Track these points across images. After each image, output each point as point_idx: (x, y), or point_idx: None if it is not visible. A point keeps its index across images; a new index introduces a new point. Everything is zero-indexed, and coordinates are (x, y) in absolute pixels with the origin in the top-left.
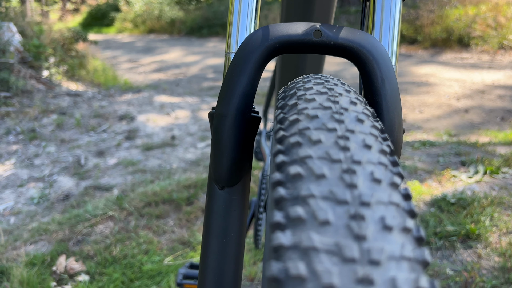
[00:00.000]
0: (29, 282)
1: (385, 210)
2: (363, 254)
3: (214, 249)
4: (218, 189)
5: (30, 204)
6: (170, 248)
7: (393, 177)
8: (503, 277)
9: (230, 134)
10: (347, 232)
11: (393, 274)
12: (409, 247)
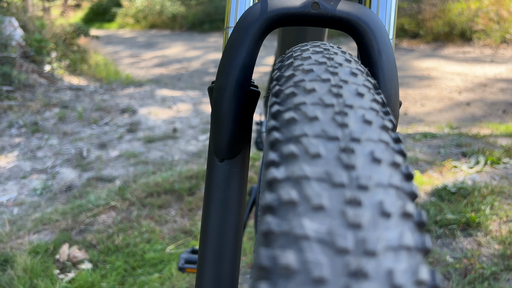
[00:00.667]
0: (32, 270)
1: (374, 146)
2: (351, 180)
3: (214, 220)
4: (218, 161)
5: (33, 195)
6: (172, 237)
7: (383, 121)
8: (502, 264)
9: (230, 107)
10: (337, 162)
11: (380, 198)
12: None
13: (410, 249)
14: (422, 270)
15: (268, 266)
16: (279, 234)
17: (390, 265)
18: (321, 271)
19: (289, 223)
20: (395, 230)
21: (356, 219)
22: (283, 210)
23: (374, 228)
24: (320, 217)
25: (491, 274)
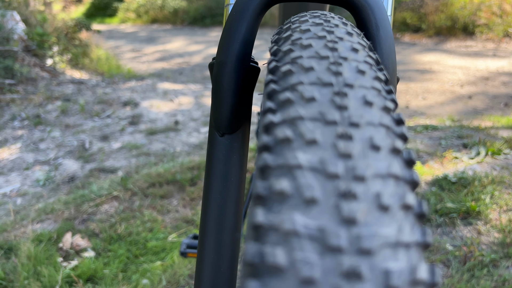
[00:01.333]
0: (36, 257)
1: (366, 91)
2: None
3: (215, 193)
4: (218, 136)
5: (36, 186)
6: (174, 226)
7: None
8: (502, 252)
9: (230, 81)
10: (330, 104)
11: (370, 134)
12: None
13: (398, 178)
14: (409, 196)
15: (264, 194)
16: (275, 167)
17: (378, 189)
18: (313, 193)
19: (284, 157)
20: (384, 162)
21: (347, 150)
22: (278, 148)
23: (364, 158)
24: (313, 149)
25: (491, 262)
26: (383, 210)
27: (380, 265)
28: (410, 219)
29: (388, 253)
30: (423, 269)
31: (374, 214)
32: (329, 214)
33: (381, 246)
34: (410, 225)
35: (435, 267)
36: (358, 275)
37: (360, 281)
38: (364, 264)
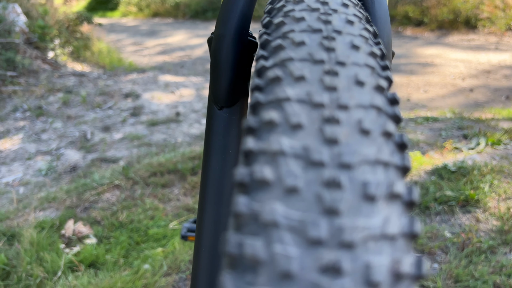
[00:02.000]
0: (38, 243)
1: (353, 37)
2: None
3: (214, 165)
4: (217, 109)
5: (38, 175)
6: (175, 214)
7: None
8: (500, 239)
9: (228, 54)
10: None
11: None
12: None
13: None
14: (398, 183)
15: (255, 126)
16: (265, 103)
17: (359, 116)
18: (299, 119)
19: (274, 94)
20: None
21: (332, 83)
22: (269, 87)
23: (348, 91)
24: (301, 85)
25: (488, 248)
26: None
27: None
28: (390, 145)
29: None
30: (401, 184)
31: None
32: (313, 136)
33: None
34: (390, 150)
35: (414, 187)
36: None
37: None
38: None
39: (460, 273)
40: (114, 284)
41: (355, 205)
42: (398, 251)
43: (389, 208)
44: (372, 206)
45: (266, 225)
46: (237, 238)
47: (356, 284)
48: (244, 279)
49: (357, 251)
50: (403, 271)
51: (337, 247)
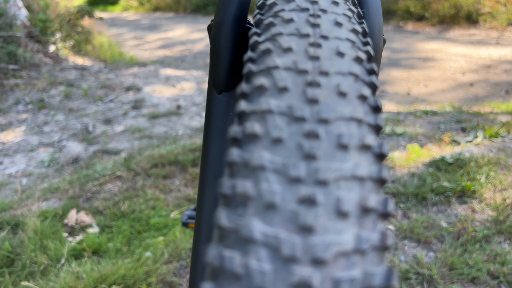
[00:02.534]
0: (42, 232)
1: (337, 15)
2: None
3: (214, 146)
4: (216, 93)
5: (41, 167)
6: (176, 204)
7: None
8: (495, 228)
9: (227, 41)
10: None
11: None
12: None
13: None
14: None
15: (247, 92)
16: (256, 71)
17: (338, 82)
18: (286, 83)
19: (265, 62)
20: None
21: (316, 53)
22: (260, 59)
23: (330, 60)
24: (288, 55)
25: (483, 237)
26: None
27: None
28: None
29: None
30: (372, 138)
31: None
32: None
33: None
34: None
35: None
36: (317, 135)
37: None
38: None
39: (455, 261)
40: (117, 271)
41: (330, 152)
42: (366, 191)
43: (360, 156)
44: (345, 153)
45: (254, 169)
46: (231, 182)
47: (328, 213)
48: (236, 212)
49: (330, 188)
50: (369, 206)
51: (314, 184)
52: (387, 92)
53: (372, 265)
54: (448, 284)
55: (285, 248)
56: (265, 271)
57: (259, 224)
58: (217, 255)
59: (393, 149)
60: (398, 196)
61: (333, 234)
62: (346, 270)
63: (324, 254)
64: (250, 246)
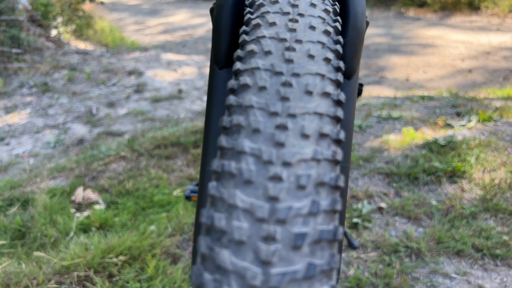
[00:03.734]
0: (51, 207)
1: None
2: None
3: (215, 116)
4: (217, 69)
5: (47, 147)
6: (178, 183)
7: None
8: (482, 206)
9: (227, 22)
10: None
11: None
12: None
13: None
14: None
15: (241, 56)
16: (249, 40)
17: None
18: (270, 48)
19: (255, 34)
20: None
21: (293, 26)
22: (252, 31)
23: (304, 32)
24: (272, 28)
25: (470, 214)
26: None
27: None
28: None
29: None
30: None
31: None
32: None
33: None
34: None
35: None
36: (290, 84)
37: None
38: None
39: (442, 236)
40: (123, 243)
41: (299, 96)
42: (324, 123)
43: (321, 100)
44: (310, 97)
45: (246, 107)
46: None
47: (295, 134)
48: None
49: (298, 119)
50: (325, 132)
51: (286, 116)
52: (386, 78)
53: (325, 170)
54: (435, 256)
55: (265, 155)
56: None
57: (247, 142)
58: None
59: (389, 132)
60: (391, 176)
61: (298, 148)
62: (305, 170)
63: (291, 159)
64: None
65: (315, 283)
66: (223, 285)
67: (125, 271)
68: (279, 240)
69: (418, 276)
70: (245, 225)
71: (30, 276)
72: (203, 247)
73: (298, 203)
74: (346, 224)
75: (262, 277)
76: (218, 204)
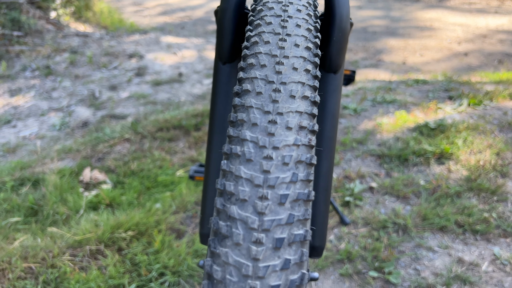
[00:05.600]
0: (61, 187)
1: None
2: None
3: (219, 106)
4: (221, 64)
5: (53, 130)
6: (181, 164)
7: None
8: (466, 186)
9: (229, 23)
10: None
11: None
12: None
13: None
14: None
15: (248, 46)
16: (252, 35)
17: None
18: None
19: (256, 30)
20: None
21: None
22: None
23: (292, 29)
24: (269, 26)
25: (455, 193)
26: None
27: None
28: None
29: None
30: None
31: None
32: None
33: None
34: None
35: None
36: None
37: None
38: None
39: (427, 213)
40: (131, 219)
41: (286, 99)
42: (303, 118)
43: (301, 101)
44: (293, 100)
45: (247, 107)
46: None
47: (282, 127)
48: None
49: (284, 116)
50: (303, 125)
51: (275, 114)
52: (383, 61)
53: (303, 152)
54: (420, 232)
55: (261, 142)
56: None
57: (248, 132)
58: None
59: (382, 115)
60: (383, 157)
61: (284, 136)
62: (288, 152)
63: (279, 145)
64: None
65: (294, 228)
66: (232, 229)
67: (133, 245)
68: (270, 199)
69: (404, 249)
70: (247, 189)
71: (46, 249)
72: (218, 204)
73: (283, 174)
74: (339, 202)
75: (259, 222)
76: (228, 175)
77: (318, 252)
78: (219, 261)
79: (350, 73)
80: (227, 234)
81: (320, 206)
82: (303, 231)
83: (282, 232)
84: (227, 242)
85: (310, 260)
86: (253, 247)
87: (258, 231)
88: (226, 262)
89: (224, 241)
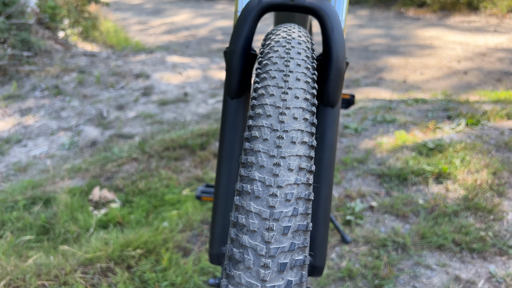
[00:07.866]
0: (72, 206)
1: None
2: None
3: (228, 138)
4: (230, 99)
5: (62, 149)
6: (187, 183)
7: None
8: (463, 205)
9: (237, 63)
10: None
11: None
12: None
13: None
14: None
15: (258, 80)
16: (261, 73)
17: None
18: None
19: (264, 69)
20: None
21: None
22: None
23: (293, 62)
24: (274, 65)
25: (453, 212)
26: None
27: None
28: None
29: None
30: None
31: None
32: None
33: None
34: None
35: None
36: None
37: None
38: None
39: (426, 232)
40: (139, 238)
41: (287, 144)
42: (302, 161)
43: (301, 146)
44: (294, 145)
45: (256, 151)
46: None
47: (285, 169)
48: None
49: (286, 159)
50: (302, 167)
51: (279, 157)
52: (384, 79)
53: (302, 190)
54: (419, 250)
55: (267, 181)
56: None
57: (257, 173)
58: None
59: (382, 135)
60: (383, 177)
61: (286, 177)
62: (290, 190)
63: (282, 184)
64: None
65: (295, 254)
66: (244, 255)
67: (142, 263)
68: (275, 230)
69: (403, 267)
70: (256, 222)
71: (58, 267)
72: (232, 234)
73: (286, 209)
74: (340, 221)
75: (266, 250)
76: (240, 209)
77: (319, 271)
78: (233, 282)
79: (349, 97)
80: (240, 260)
81: (321, 228)
82: (303, 257)
83: (285, 258)
84: (240, 266)
85: (313, 278)
86: (262, 270)
87: (266, 257)
88: (239, 283)
89: (237, 265)
